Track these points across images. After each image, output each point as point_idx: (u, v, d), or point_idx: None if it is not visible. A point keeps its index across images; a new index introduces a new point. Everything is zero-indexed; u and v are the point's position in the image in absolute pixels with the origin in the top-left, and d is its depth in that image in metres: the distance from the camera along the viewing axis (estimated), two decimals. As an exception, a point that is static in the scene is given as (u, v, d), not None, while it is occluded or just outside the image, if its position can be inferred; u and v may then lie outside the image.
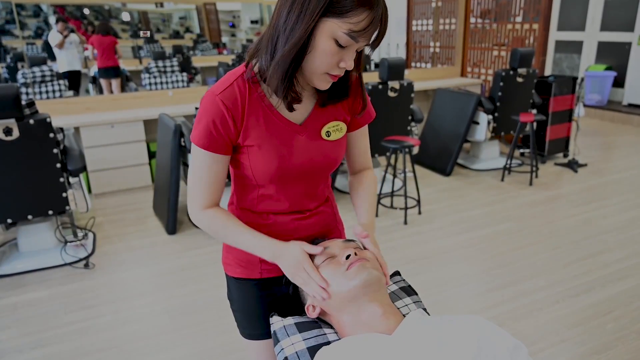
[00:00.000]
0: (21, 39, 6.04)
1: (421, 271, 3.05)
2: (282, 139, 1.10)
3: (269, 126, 1.09)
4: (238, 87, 1.06)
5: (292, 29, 0.95)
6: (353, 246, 1.16)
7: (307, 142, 1.13)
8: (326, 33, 0.95)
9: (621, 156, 5.47)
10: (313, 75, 1.02)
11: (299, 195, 1.19)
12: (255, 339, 1.29)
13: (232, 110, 1.05)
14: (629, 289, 2.79)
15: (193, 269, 3.14)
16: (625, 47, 7.57)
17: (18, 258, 3.23)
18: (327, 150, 1.15)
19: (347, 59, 0.99)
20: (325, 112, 1.15)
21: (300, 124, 1.12)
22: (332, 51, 0.97)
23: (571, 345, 2.32)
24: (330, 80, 1.04)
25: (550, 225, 3.67)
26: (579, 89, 5.07)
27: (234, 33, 8.12)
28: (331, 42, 0.96)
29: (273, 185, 1.15)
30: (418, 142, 3.81)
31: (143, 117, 4.46)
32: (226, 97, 1.05)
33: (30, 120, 2.90)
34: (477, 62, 6.43)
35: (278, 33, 0.98)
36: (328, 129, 1.15)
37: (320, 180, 1.22)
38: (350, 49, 0.98)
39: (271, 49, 1.01)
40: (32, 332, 2.54)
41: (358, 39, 0.95)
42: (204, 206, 1.14)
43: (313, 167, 1.15)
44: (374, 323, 1.06)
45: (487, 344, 0.98)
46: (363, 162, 1.32)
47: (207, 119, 1.05)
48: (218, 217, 1.14)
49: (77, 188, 3.20)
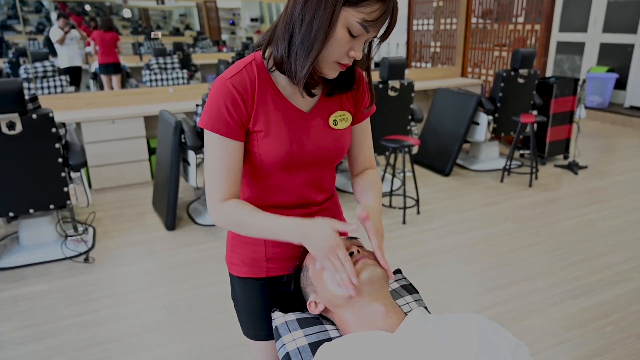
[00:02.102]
0: (23, 34, 6.04)
1: (419, 271, 3.06)
2: (291, 125, 1.11)
3: (278, 112, 1.11)
4: (247, 73, 1.08)
5: (314, 18, 0.97)
6: (356, 244, 1.16)
7: (316, 130, 1.14)
8: (342, 22, 0.97)
9: (622, 159, 5.48)
10: (324, 63, 1.04)
11: (306, 186, 1.19)
12: (261, 339, 1.29)
13: (243, 94, 1.06)
14: (628, 291, 2.80)
15: (192, 265, 3.14)
16: (627, 49, 7.55)
17: (19, 251, 3.23)
18: (334, 138, 1.17)
19: (356, 48, 1.01)
20: (332, 102, 1.17)
21: (308, 112, 1.14)
22: (345, 40, 0.99)
23: (569, 348, 2.33)
24: (339, 69, 1.06)
25: (549, 226, 3.67)
26: (580, 90, 5.07)
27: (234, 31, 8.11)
28: (344, 31, 0.98)
29: (281, 173, 1.15)
30: (418, 142, 3.81)
31: (143, 114, 4.46)
32: (236, 81, 1.06)
33: (33, 115, 2.90)
34: (478, 62, 6.43)
35: (294, 22, 1.00)
36: (335, 117, 1.17)
37: (327, 171, 1.22)
38: (361, 39, 1.00)
39: (288, 37, 1.02)
40: (32, 324, 2.55)
41: (369, 29, 0.97)
42: (225, 197, 1.10)
43: (321, 155, 1.16)
44: (377, 321, 1.06)
45: (489, 343, 0.99)
46: (367, 163, 1.31)
47: (218, 103, 1.06)
48: (243, 206, 1.10)
49: (78, 183, 3.21)
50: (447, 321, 1.06)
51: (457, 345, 0.98)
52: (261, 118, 1.09)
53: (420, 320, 1.05)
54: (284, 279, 1.25)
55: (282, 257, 1.23)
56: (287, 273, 1.24)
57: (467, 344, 0.98)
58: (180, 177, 3.68)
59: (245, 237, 1.23)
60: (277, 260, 1.23)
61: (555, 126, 5.14)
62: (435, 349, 0.97)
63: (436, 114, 5.16)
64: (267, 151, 1.10)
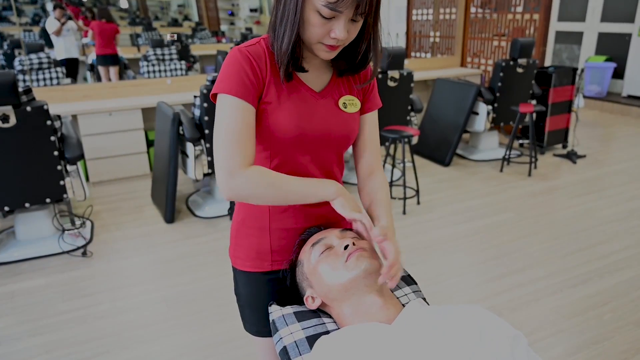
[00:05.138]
0: (18, 25, 6.00)
1: (419, 261, 3.06)
2: (302, 101, 1.13)
3: (290, 87, 1.12)
4: (262, 47, 1.11)
5: (284, 5, 1.03)
6: (350, 236, 1.15)
7: (326, 109, 1.16)
8: (309, 7, 1.00)
9: (620, 147, 5.47)
10: (311, 45, 1.07)
11: (314, 166, 1.18)
12: (264, 335, 1.27)
13: (258, 62, 1.09)
14: (627, 280, 2.80)
15: (191, 258, 3.13)
16: (625, 39, 7.54)
17: (15, 246, 3.22)
18: (344, 121, 1.18)
19: (336, 29, 1.02)
20: (341, 86, 1.20)
21: (319, 92, 1.16)
22: (318, 23, 1.01)
23: (569, 336, 2.33)
24: (327, 50, 1.07)
25: (548, 216, 3.67)
26: (578, 80, 5.05)
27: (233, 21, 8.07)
28: (315, 14, 1.00)
29: (290, 149, 1.13)
30: (417, 132, 3.79)
31: (141, 105, 4.43)
32: (252, 51, 1.09)
33: (28, 108, 2.88)
34: (477, 52, 6.39)
35: (274, 7, 1.07)
36: (344, 100, 1.19)
37: (335, 155, 1.21)
38: (339, 19, 1.01)
39: (271, 21, 1.09)
40: (29, 320, 2.54)
41: (338, 9, 0.98)
42: (245, 164, 1.04)
43: (330, 136, 1.16)
44: (374, 313, 1.06)
45: (487, 334, 0.98)
46: (373, 162, 1.28)
47: (236, 68, 1.07)
48: (266, 170, 1.06)
49: (74, 176, 3.19)
50: (445, 312, 1.05)
51: (455, 337, 0.97)
52: (273, 89, 1.10)
53: (418, 311, 1.05)
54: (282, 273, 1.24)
55: (287, 250, 1.22)
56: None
57: (465, 335, 0.97)
58: (178, 170, 3.66)
59: (250, 229, 1.22)
60: (282, 252, 1.22)
61: (554, 115, 5.12)
62: (434, 341, 0.96)
63: (436, 104, 5.14)
64: (279, 122, 1.10)
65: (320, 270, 1.10)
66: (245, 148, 1.05)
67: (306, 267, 1.13)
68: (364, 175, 1.27)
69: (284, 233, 1.21)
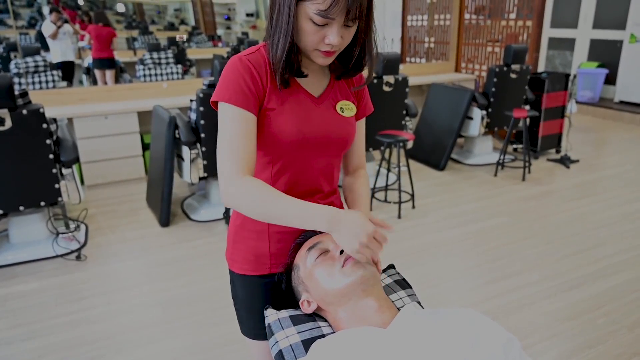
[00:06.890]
0: (14, 28, 5.98)
1: (414, 265, 3.06)
2: (302, 106, 1.15)
3: (290, 92, 1.15)
4: (261, 54, 1.13)
5: (278, 15, 1.06)
6: None
7: (324, 114, 1.18)
8: (302, 15, 1.03)
9: (612, 152, 5.51)
10: (306, 52, 1.10)
11: (317, 170, 1.21)
12: (261, 339, 1.27)
13: (259, 70, 1.11)
14: (620, 283, 2.82)
15: (186, 261, 3.13)
16: (617, 45, 7.62)
17: (9, 249, 3.20)
18: (342, 125, 1.20)
19: (330, 35, 1.04)
20: (338, 91, 1.23)
21: (318, 97, 1.19)
22: (311, 30, 1.04)
23: (562, 340, 2.34)
24: (323, 56, 1.09)
25: (542, 220, 3.69)
26: (571, 85, 5.09)
27: (229, 26, 8.08)
28: (308, 22, 1.03)
29: (293, 153, 1.15)
30: (412, 137, 3.81)
31: (137, 109, 4.43)
32: (252, 59, 1.11)
33: (23, 111, 2.88)
34: (471, 57, 6.43)
35: (270, 19, 1.09)
36: (342, 105, 1.22)
37: (336, 160, 1.25)
38: (332, 26, 1.03)
39: (268, 31, 1.11)
40: (22, 323, 2.52)
41: (330, 16, 1.00)
42: (244, 171, 1.06)
43: (330, 140, 1.18)
44: (370, 316, 1.06)
45: (481, 338, 0.99)
46: (359, 162, 1.35)
47: (236, 76, 1.09)
48: (265, 184, 1.06)
49: (69, 179, 3.18)
50: (439, 316, 1.05)
51: (449, 341, 0.98)
52: (274, 96, 1.12)
53: (413, 315, 1.05)
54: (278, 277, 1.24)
55: (285, 253, 1.23)
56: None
57: (459, 339, 0.98)
58: (174, 173, 3.66)
59: (249, 232, 1.22)
60: (281, 256, 1.23)
61: (548, 121, 5.16)
62: (428, 344, 0.97)
63: (430, 109, 5.16)
64: (282, 127, 1.12)
65: (317, 275, 1.10)
66: (243, 155, 1.07)
67: (302, 271, 1.14)
68: (349, 173, 1.36)
69: (283, 236, 1.22)
